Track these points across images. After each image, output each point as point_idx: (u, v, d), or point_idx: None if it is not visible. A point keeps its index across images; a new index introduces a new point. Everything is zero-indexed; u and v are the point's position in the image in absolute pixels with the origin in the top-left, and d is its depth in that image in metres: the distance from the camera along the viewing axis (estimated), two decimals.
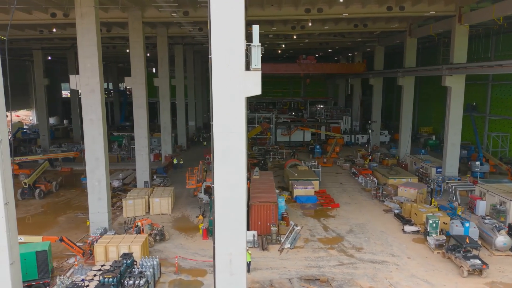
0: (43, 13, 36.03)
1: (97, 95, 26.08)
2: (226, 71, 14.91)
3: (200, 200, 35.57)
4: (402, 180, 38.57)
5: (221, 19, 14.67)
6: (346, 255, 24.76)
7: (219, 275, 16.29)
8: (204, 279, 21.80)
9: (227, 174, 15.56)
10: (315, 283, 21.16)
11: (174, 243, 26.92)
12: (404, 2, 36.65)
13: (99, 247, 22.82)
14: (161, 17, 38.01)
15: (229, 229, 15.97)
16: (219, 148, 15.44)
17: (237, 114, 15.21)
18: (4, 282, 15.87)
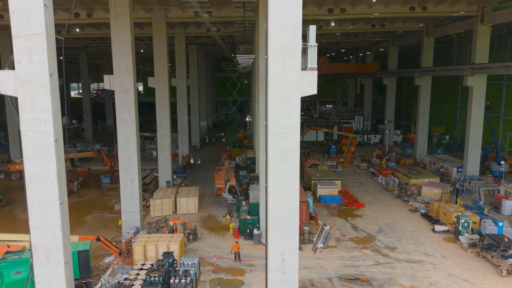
0: (66, 13, 36.16)
1: (131, 95, 26.15)
2: (282, 71, 14.98)
3: (225, 199, 35.68)
4: (424, 180, 38.61)
5: (279, 19, 14.68)
6: (381, 255, 24.82)
7: (271, 274, 16.36)
8: (244, 278, 21.87)
9: (281, 173, 15.64)
10: (355, 282, 21.22)
11: (207, 242, 27.00)
12: (427, 2, 36.69)
13: (137, 246, 22.89)
14: (184, 17, 38.14)
15: (282, 228, 16.03)
16: (274, 148, 15.52)
17: (292, 114, 15.28)
18: (59, 282, 15.94)
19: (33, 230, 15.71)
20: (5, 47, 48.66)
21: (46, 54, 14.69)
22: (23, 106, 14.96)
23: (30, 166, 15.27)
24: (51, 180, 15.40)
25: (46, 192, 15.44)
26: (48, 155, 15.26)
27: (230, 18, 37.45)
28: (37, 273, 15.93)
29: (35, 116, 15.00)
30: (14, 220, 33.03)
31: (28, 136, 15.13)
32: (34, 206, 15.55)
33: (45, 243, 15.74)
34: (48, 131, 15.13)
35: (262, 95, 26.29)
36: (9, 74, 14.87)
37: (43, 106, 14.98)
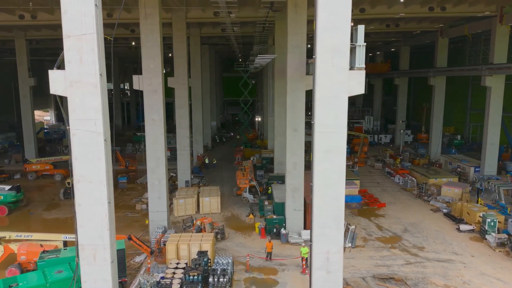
0: None
1: (159, 96, 26.27)
2: (330, 70, 15.07)
3: (245, 199, 35.79)
4: (442, 180, 38.71)
5: (328, 19, 14.76)
6: (410, 254, 24.93)
7: (315, 273, 16.47)
8: (277, 278, 21.97)
9: (327, 173, 15.74)
10: (390, 281, 21.32)
11: (234, 241, 27.10)
12: (446, 3, 36.80)
13: (170, 245, 22.99)
14: (204, 18, 38.28)
15: (327, 227, 16.14)
16: (320, 147, 15.61)
17: (339, 114, 15.38)
18: (105, 281, 16.03)
19: (80, 229, 15.79)
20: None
21: (97, 54, 14.81)
22: (73, 106, 15.04)
23: (79, 165, 15.34)
24: (100, 179, 15.48)
25: (94, 191, 15.51)
26: (97, 154, 15.33)
27: (251, 18, 37.50)
28: (83, 272, 16.01)
29: (84, 116, 15.07)
30: (36, 220, 33.11)
31: (77, 135, 15.20)
32: (81, 205, 15.63)
33: (92, 242, 15.82)
34: (98, 130, 15.20)
35: (290, 95, 26.37)
36: (59, 74, 14.99)
37: (92, 105, 15.06)
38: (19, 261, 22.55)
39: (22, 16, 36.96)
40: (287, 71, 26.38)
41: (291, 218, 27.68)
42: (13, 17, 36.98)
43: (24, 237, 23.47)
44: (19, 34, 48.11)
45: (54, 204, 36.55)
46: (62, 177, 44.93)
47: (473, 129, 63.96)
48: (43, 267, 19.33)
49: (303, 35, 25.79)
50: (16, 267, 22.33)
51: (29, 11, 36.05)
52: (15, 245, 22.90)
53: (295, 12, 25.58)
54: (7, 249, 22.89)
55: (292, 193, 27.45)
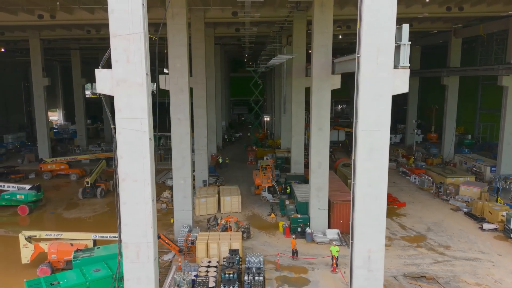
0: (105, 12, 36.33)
1: (186, 95, 26.35)
2: (375, 69, 15.14)
3: (264, 198, 35.87)
4: (459, 179, 38.77)
5: (373, 18, 14.82)
6: (437, 253, 25.01)
7: (356, 271, 16.53)
8: (308, 276, 22.05)
9: (370, 171, 15.80)
10: (421, 280, 21.40)
11: (259, 240, 27.18)
12: (464, 3, 36.86)
13: (200, 244, 23.09)
14: (223, 17, 38.34)
15: (369, 226, 16.20)
16: (363, 146, 15.68)
17: (383, 112, 15.45)
18: (148, 279, 16.11)
19: (125, 227, 15.89)
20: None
21: (143, 54, 14.90)
22: (119, 105, 15.13)
23: (124, 164, 15.44)
24: (145, 178, 15.58)
25: (139, 190, 15.61)
26: (143, 153, 15.42)
27: (270, 18, 37.54)
28: (126, 270, 16.09)
29: (131, 115, 15.16)
30: (57, 219, 33.16)
31: (123, 134, 15.30)
32: (126, 203, 15.72)
33: (136, 240, 15.93)
34: (143, 129, 15.29)
35: (315, 95, 26.43)
36: (106, 73, 15.07)
37: (139, 105, 15.14)
38: (49, 260, 22.66)
39: (41, 16, 37.02)
40: (312, 71, 26.42)
41: (315, 217, 27.75)
42: (32, 17, 37.00)
43: (54, 236, 23.54)
44: (33, 33, 48.16)
45: (73, 204, 36.63)
46: (77, 176, 45.02)
47: (484, 129, 64.03)
48: (78, 265, 19.42)
49: (329, 34, 25.86)
50: (47, 265, 22.44)
51: (48, 10, 36.11)
52: (45, 244, 22.98)
53: (321, 11, 25.65)
54: (38, 248, 22.98)
55: (316, 192, 27.52)
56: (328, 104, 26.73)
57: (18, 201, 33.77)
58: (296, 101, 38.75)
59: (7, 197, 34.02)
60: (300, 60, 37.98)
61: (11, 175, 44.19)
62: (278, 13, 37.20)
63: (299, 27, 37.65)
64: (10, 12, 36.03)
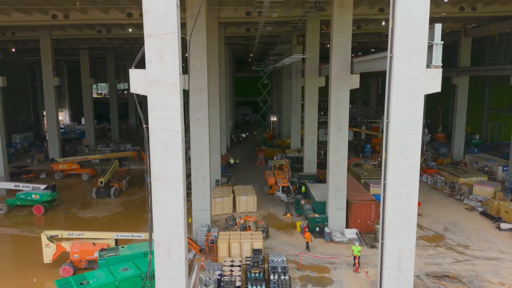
0: (121, 12, 36.46)
1: (205, 95, 26.42)
2: (407, 68, 15.18)
3: (278, 198, 35.90)
4: (472, 179, 38.82)
5: (406, 17, 14.84)
6: (457, 252, 25.05)
7: (387, 271, 16.56)
8: (331, 276, 22.09)
9: (401, 171, 15.84)
10: (444, 279, 21.44)
11: (278, 240, 27.23)
12: (477, 3, 36.88)
13: (222, 243, 23.14)
14: (236, 18, 38.38)
15: (399, 225, 16.23)
16: (395, 145, 15.72)
17: (415, 112, 15.49)
18: (179, 278, 16.16)
19: (156, 226, 15.96)
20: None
21: (177, 54, 14.95)
22: (153, 105, 15.21)
23: (157, 163, 15.50)
24: (177, 177, 15.64)
25: (171, 189, 15.67)
26: (175, 153, 15.49)
27: (284, 18, 37.54)
28: (158, 269, 16.15)
29: (164, 115, 15.24)
30: (73, 218, 33.17)
31: (156, 134, 15.37)
32: (158, 202, 15.79)
33: (167, 239, 15.98)
34: (176, 129, 15.35)
35: (334, 94, 26.47)
36: (140, 73, 15.13)
37: (172, 104, 15.22)
38: (71, 259, 22.70)
39: (55, 16, 37.06)
40: (331, 70, 26.46)
41: (333, 217, 27.78)
42: (46, 17, 37.03)
43: (76, 236, 23.58)
44: (44, 33, 48.17)
45: (87, 203, 36.67)
46: (89, 176, 45.07)
47: (491, 129, 64.04)
48: (104, 265, 19.45)
49: (348, 34, 25.91)
50: (69, 265, 22.48)
51: (62, 10, 36.17)
52: (67, 244, 23.03)
53: (341, 11, 25.71)
54: (59, 248, 23.02)
55: (334, 192, 27.56)
56: (347, 104, 26.79)
57: (33, 200, 33.81)
58: (309, 101, 38.79)
59: (22, 197, 34.07)
60: (314, 60, 38.03)
61: (23, 175, 44.24)
62: (292, 13, 37.24)
63: (313, 27, 37.70)
64: (25, 12, 36.10)
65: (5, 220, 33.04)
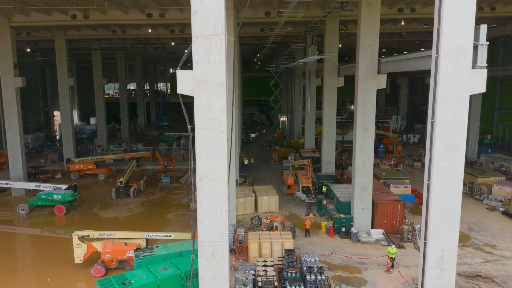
0: (140, 12, 36.53)
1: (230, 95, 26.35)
2: (453, 69, 15.21)
3: (298, 198, 35.94)
4: (490, 178, 38.81)
5: (453, 18, 14.88)
6: (485, 252, 25.09)
7: (429, 271, 16.58)
8: (364, 276, 22.13)
9: (446, 171, 15.87)
10: (477, 279, 21.47)
11: (304, 240, 27.26)
12: (496, 3, 36.87)
13: (253, 243, 23.17)
14: (255, 18, 38.39)
15: (443, 225, 16.26)
16: (440, 145, 15.75)
17: (460, 112, 15.53)
18: (222, 277, 16.21)
19: (201, 226, 16.01)
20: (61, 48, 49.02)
21: (224, 54, 15.00)
22: (199, 105, 15.27)
23: (203, 163, 15.55)
24: (222, 177, 15.71)
25: (216, 189, 15.74)
26: (220, 153, 15.57)
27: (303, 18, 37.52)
28: (201, 269, 16.20)
29: (210, 115, 15.30)
30: (95, 218, 33.21)
31: (202, 134, 15.42)
32: (203, 202, 15.85)
33: (211, 239, 16.03)
34: (222, 129, 15.42)
35: (361, 94, 26.51)
36: (187, 74, 15.18)
37: (218, 105, 15.31)
38: (102, 259, 22.76)
39: (74, 16, 37.10)
40: (358, 70, 26.49)
41: (358, 217, 27.82)
42: (66, 17, 37.09)
43: (107, 236, 23.64)
44: (59, 33, 48.24)
45: (107, 203, 36.73)
46: (105, 176, 45.15)
47: (503, 129, 64.04)
48: (140, 265, 19.50)
49: (376, 34, 25.94)
50: (100, 265, 22.54)
51: (82, 10, 36.23)
52: (98, 244, 23.08)
53: (369, 11, 25.73)
54: (90, 248, 23.07)
55: (360, 192, 27.60)
56: (374, 104, 26.83)
57: (54, 201, 33.87)
58: (328, 101, 38.83)
59: (43, 197, 34.12)
60: (333, 60, 38.08)
61: (40, 175, 44.31)
62: (311, 13, 37.25)
63: (332, 27, 37.74)
64: (45, 12, 36.16)
65: (27, 220, 33.11)
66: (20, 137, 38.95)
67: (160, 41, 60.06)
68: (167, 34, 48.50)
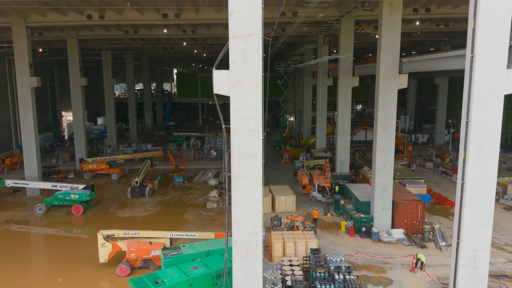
0: (156, 12, 36.61)
1: None
2: (488, 69, 15.25)
3: (313, 198, 35.98)
4: (504, 178, 38.85)
5: (489, 17, 14.90)
6: (507, 252, 25.16)
7: (461, 270, 16.64)
8: (389, 276, 22.19)
9: (480, 170, 15.91)
10: (503, 279, 21.50)
11: (325, 240, 27.30)
12: None
13: (277, 243, 23.24)
14: (271, 18, 38.35)
15: (476, 225, 16.30)
16: (475, 145, 15.77)
17: (495, 112, 15.55)
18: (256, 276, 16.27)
19: (235, 225, 16.09)
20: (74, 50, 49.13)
21: (260, 55, 15.07)
22: (235, 105, 15.33)
23: (238, 163, 15.63)
24: (256, 176, 15.82)
25: (250, 188, 15.85)
26: (255, 152, 15.66)
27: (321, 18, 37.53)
28: (235, 268, 16.28)
29: (246, 115, 15.36)
30: (113, 218, 33.26)
31: (237, 134, 15.49)
32: (238, 202, 15.94)
33: (245, 238, 16.10)
34: (257, 129, 15.49)
35: (382, 94, 26.56)
36: (223, 74, 15.24)
37: (254, 105, 15.36)
38: (127, 259, 22.84)
39: (90, 16, 37.15)
40: (379, 70, 26.54)
41: (379, 217, 27.85)
42: (82, 17, 37.18)
43: (131, 235, 23.71)
44: (71, 34, 48.34)
45: (122, 203, 36.82)
46: (118, 176, 45.24)
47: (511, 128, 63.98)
48: (170, 264, 19.56)
49: (397, 34, 25.98)
50: (125, 264, 22.62)
51: (98, 10, 36.31)
52: (123, 243, 23.16)
53: (390, 11, 25.78)
54: (115, 247, 23.14)
55: (381, 192, 27.64)
56: (395, 103, 26.87)
57: (71, 200, 33.96)
58: (343, 101, 38.90)
59: (60, 197, 34.22)
60: (348, 60, 38.13)
61: (53, 175, 44.41)
62: (326, 13, 37.23)
63: (347, 27, 37.79)
64: (61, 12, 36.27)
65: (45, 220, 33.22)
66: (35, 137, 39.10)
67: (170, 41, 60.15)
68: (179, 34, 48.60)
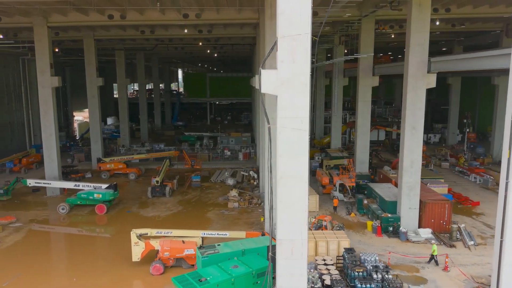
0: (178, 13, 36.72)
1: None
2: None
3: (334, 197, 35.99)
4: None
5: None
6: None
7: (505, 268, 16.70)
8: (422, 275, 22.26)
9: None
10: None
11: (352, 239, 27.18)
12: None
13: (309, 242, 23.23)
14: None
15: None
16: None
17: None
18: (300, 275, 16.29)
19: (280, 224, 16.13)
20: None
21: (308, 54, 15.12)
22: (282, 104, 15.33)
23: (284, 162, 15.66)
24: (301, 175, 15.80)
25: (296, 187, 15.84)
26: (301, 151, 15.63)
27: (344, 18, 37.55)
28: (280, 267, 16.32)
29: (293, 114, 15.36)
30: (136, 218, 33.35)
31: (284, 133, 15.52)
32: (283, 201, 15.96)
33: (290, 237, 16.13)
34: (303, 128, 15.47)
35: (410, 94, 26.64)
36: (271, 73, 15.27)
37: (301, 104, 15.34)
38: (160, 257, 22.95)
39: (111, 16, 37.26)
40: (407, 70, 26.59)
41: (406, 217, 27.89)
42: (103, 17, 37.29)
43: (164, 234, 23.81)
44: (87, 33, 48.52)
45: (144, 202, 36.96)
46: (136, 175, 45.39)
47: None
48: (207, 263, 19.64)
49: (426, 33, 26.02)
50: (159, 263, 22.74)
51: (120, 10, 36.42)
52: (156, 242, 23.27)
53: (419, 10, 25.83)
54: (148, 246, 23.26)
55: (408, 192, 27.68)
56: (423, 103, 26.92)
57: (94, 200, 34.12)
58: (363, 100, 38.98)
59: (83, 196, 34.40)
60: (368, 60, 38.20)
61: (71, 174, 44.60)
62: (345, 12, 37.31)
63: (367, 27, 37.86)
64: (82, 12, 36.43)
65: (68, 219, 33.36)
66: (56, 136, 39.31)
67: (183, 41, 60.27)
68: (195, 34, 48.71)
